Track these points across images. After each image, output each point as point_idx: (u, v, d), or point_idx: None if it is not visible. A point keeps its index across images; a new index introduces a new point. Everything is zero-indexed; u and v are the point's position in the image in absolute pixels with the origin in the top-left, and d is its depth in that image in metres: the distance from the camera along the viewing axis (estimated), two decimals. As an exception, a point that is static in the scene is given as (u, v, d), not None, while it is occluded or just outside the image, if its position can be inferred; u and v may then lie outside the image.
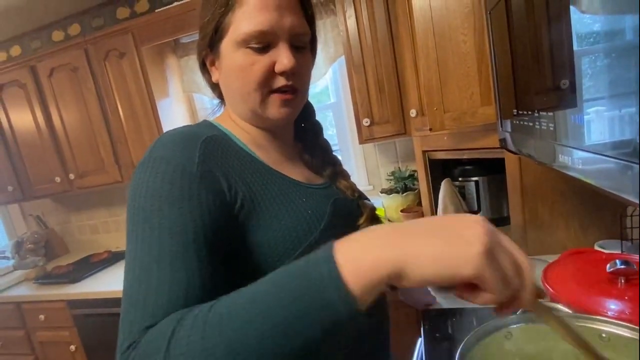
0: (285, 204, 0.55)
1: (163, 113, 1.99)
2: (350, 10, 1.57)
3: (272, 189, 0.55)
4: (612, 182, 0.42)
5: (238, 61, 0.56)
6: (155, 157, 0.49)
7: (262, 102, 0.58)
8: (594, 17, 0.44)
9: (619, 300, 0.71)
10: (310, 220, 0.55)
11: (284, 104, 0.58)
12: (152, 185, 0.47)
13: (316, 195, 0.60)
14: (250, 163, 0.56)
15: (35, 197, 2.35)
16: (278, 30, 0.55)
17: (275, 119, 0.60)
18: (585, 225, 1.18)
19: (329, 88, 2.13)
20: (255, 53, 0.55)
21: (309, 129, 0.73)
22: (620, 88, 0.39)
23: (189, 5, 1.77)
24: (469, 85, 1.07)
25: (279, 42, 0.55)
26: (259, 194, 0.53)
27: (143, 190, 0.47)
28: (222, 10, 0.55)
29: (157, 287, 0.41)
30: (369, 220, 0.66)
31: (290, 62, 0.55)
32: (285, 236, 0.53)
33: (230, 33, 0.56)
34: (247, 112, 0.61)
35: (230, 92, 0.61)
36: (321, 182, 0.66)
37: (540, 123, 0.61)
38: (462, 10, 1.04)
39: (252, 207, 0.52)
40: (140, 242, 0.45)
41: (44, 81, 2.10)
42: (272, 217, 0.53)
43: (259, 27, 0.53)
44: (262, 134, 0.63)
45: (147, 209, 0.46)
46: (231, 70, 0.57)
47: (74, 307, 1.96)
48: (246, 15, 0.54)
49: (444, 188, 1.54)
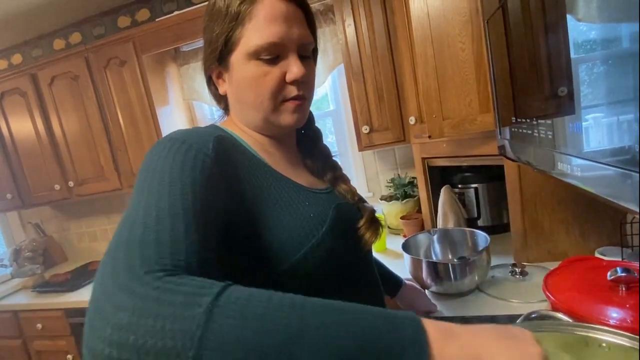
0: (289, 206, 0.56)
1: (163, 121, 1.99)
2: (349, 19, 1.58)
3: (277, 191, 0.57)
4: (611, 190, 0.42)
5: (250, 73, 0.58)
6: (172, 138, 0.50)
7: (274, 110, 0.61)
8: (590, 25, 0.44)
9: (620, 308, 0.70)
10: (312, 223, 0.56)
11: (296, 110, 0.61)
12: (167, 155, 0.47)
13: (319, 200, 0.62)
14: (258, 165, 0.58)
15: (35, 205, 2.35)
16: (287, 42, 0.57)
17: (288, 125, 0.62)
18: (586, 232, 1.17)
19: (329, 96, 2.14)
20: (266, 64, 0.57)
21: (310, 136, 0.75)
22: (618, 95, 0.39)
23: (190, 14, 1.79)
24: (468, 92, 1.08)
25: (288, 53, 0.58)
26: (264, 195, 0.55)
27: (156, 158, 0.47)
28: (233, 24, 0.57)
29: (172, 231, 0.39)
30: (368, 223, 0.67)
31: (301, 72, 0.58)
32: (288, 237, 0.53)
33: (241, 46, 0.58)
34: (258, 120, 0.62)
35: (241, 102, 0.63)
36: (324, 187, 0.67)
37: (539, 131, 0.61)
38: (460, 19, 1.05)
39: (257, 205, 0.53)
40: (148, 195, 0.43)
41: (44, 89, 2.11)
42: (275, 218, 0.54)
43: (270, 39, 0.56)
44: (269, 140, 0.65)
45: (157, 170, 0.45)
46: (243, 81, 0.59)
47: (71, 315, 1.94)
48: (257, 28, 0.56)
49: (443, 195, 1.54)
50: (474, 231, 1.24)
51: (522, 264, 1.18)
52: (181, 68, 2.19)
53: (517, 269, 1.15)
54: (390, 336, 0.33)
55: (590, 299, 0.75)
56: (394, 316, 0.36)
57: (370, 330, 0.34)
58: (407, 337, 0.34)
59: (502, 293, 1.08)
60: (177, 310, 0.32)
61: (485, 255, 1.10)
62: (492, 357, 0.35)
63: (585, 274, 0.86)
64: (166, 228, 0.39)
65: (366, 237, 0.65)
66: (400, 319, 0.36)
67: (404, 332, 0.34)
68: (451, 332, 0.36)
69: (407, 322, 0.35)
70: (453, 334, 0.36)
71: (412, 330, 0.35)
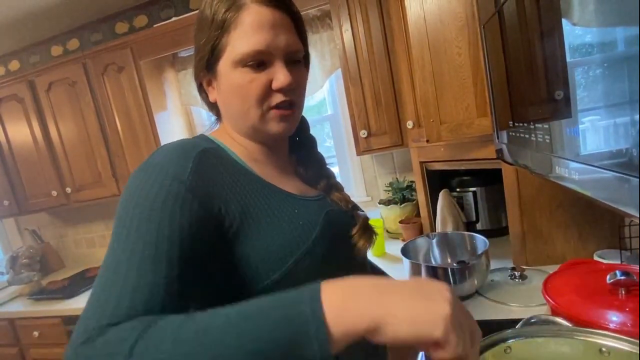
0: (277, 216, 0.55)
1: (161, 126, 1.99)
2: (346, 24, 1.59)
3: (264, 201, 0.56)
4: (609, 193, 0.42)
5: (236, 80, 0.58)
6: (150, 163, 0.51)
7: (261, 118, 0.59)
8: (586, 29, 0.44)
9: (620, 312, 0.70)
10: (302, 231, 0.56)
11: (282, 119, 0.60)
12: (142, 190, 0.48)
13: (309, 207, 0.61)
14: (245, 176, 0.57)
15: (31, 211, 2.34)
16: (273, 49, 0.56)
17: (276, 134, 0.61)
18: (584, 235, 1.17)
19: (326, 100, 2.15)
20: (252, 71, 0.57)
21: (304, 143, 0.74)
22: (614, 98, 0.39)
23: (187, 20, 1.79)
24: (465, 97, 1.08)
25: (274, 60, 0.57)
26: (251, 207, 0.54)
27: (132, 193, 0.48)
28: (218, 32, 0.57)
29: (122, 288, 0.41)
30: (361, 230, 0.66)
31: (287, 79, 0.57)
32: (277, 247, 0.53)
33: (227, 53, 0.57)
34: (247, 128, 0.62)
35: (229, 110, 0.62)
36: (315, 194, 0.66)
37: (536, 134, 0.61)
38: (457, 24, 1.05)
39: (244, 219, 0.52)
40: (116, 242, 0.45)
41: (42, 95, 2.10)
42: (263, 229, 0.53)
43: (255, 47, 0.55)
44: (259, 148, 0.64)
45: (129, 212, 0.47)
46: (230, 89, 0.59)
47: (69, 323, 1.92)
48: (242, 35, 0.56)
49: (442, 199, 1.54)
50: (473, 235, 1.24)
51: (521, 268, 1.17)
52: (179, 73, 2.19)
53: (517, 273, 1.15)
54: (292, 329, 0.36)
55: (590, 302, 0.75)
56: (293, 301, 0.38)
57: (274, 330, 0.36)
58: (309, 326, 0.36)
59: (502, 297, 1.07)
60: None
61: (484, 259, 1.10)
62: (393, 318, 0.36)
63: (584, 277, 0.86)
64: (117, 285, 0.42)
65: (359, 244, 0.64)
66: (298, 301, 0.38)
67: (304, 317, 0.36)
68: (354, 295, 0.38)
69: (306, 302, 0.37)
70: (355, 296, 0.37)
71: (311, 310, 0.36)
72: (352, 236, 0.65)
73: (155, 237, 0.44)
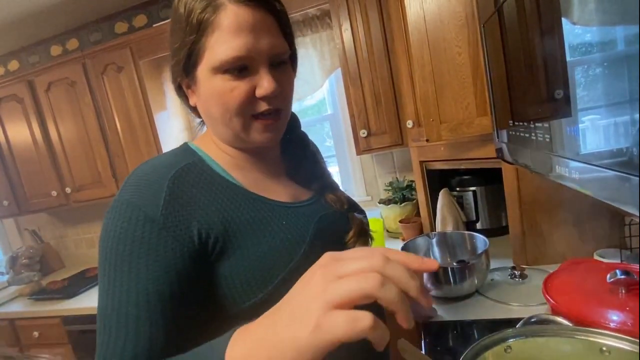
0: (262, 231, 0.53)
1: (160, 126, 1.99)
2: (346, 23, 1.59)
3: (248, 215, 0.53)
4: (609, 192, 0.42)
5: (216, 88, 0.53)
6: (122, 201, 0.50)
7: (244, 127, 0.55)
8: (585, 28, 0.44)
9: (620, 311, 0.70)
10: (289, 246, 0.53)
11: (267, 129, 0.56)
12: (118, 233, 0.47)
13: (300, 215, 0.58)
14: (226, 190, 0.54)
15: (31, 212, 2.34)
16: (255, 54, 0.52)
17: (260, 144, 0.58)
18: (584, 234, 1.17)
19: (326, 100, 2.14)
20: (233, 78, 0.52)
21: (296, 141, 0.71)
22: (614, 97, 0.39)
23: (187, 19, 1.79)
24: (465, 96, 1.08)
25: (258, 66, 0.53)
26: (233, 223, 0.51)
27: (110, 237, 0.48)
28: (193, 37, 0.52)
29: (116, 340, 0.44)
30: (356, 235, 0.63)
31: (271, 86, 0.53)
32: (262, 266, 0.51)
33: (206, 59, 0.53)
34: (229, 136, 0.58)
35: (210, 116, 0.58)
36: (308, 198, 0.64)
37: (536, 133, 0.61)
38: (456, 23, 1.05)
39: (227, 238, 0.50)
40: (102, 290, 0.47)
41: (41, 95, 2.10)
42: (247, 247, 0.51)
43: (235, 52, 0.51)
44: (244, 155, 0.61)
45: (112, 259, 0.47)
46: (210, 96, 0.54)
47: (68, 323, 1.92)
48: (221, 40, 0.51)
49: (442, 198, 1.54)
50: (473, 234, 1.24)
51: (521, 267, 1.17)
52: (178, 73, 2.19)
53: (517, 272, 1.15)
54: None
55: (590, 301, 0.74)
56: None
57: None
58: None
59: (502, 296, 1.07)
60: None
61: (485, 259, 1.10)
62: (279, 342, 0.33)
63: (584, 276, 0.86)
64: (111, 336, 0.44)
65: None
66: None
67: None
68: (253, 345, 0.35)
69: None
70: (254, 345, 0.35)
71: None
72: (346, 243, 0.62)
73: (135, 296, 0.45)
